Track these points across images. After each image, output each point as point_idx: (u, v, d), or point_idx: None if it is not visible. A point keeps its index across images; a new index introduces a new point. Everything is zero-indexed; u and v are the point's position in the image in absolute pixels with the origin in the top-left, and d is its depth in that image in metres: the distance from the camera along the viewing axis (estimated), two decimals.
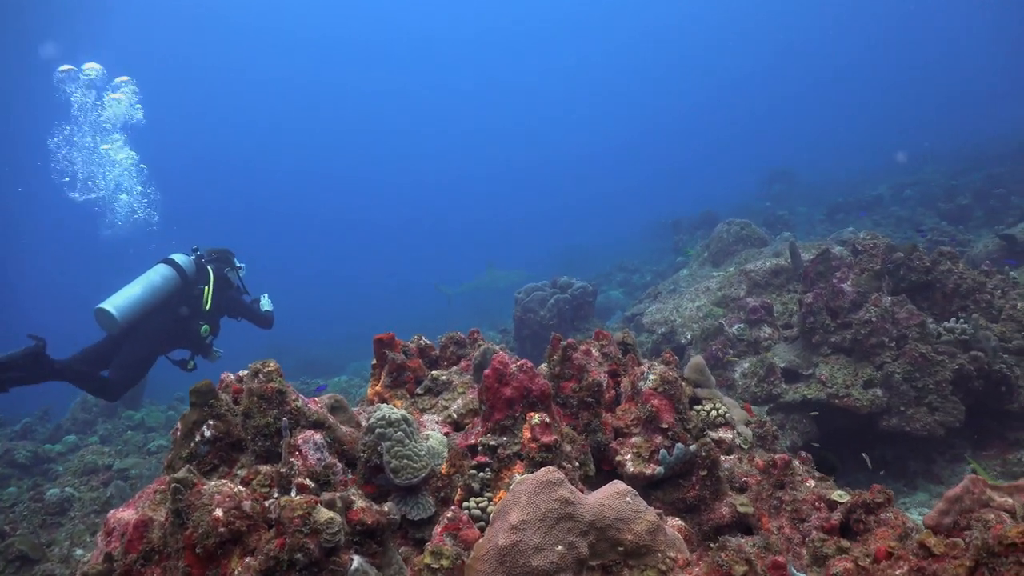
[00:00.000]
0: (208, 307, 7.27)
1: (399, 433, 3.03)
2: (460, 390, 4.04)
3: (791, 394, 6.89)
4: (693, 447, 3.26)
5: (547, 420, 2.98)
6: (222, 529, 2.44)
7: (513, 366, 3.09)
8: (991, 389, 6.54)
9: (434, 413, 3.93)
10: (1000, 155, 22.48)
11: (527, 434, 2.97)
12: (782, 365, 7.15)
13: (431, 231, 64.29)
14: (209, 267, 7.47)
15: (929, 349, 6.56)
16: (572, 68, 79.53)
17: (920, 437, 6.45)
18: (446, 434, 3.49)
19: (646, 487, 3.29)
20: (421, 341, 4.54)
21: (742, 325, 7.99)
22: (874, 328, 6.78)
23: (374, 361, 4.36)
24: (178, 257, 7.23)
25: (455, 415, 3.80)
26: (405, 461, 3.00)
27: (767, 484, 3.35)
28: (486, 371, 3.13)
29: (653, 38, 77.63)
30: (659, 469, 3.22)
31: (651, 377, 3.42)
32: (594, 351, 3.71)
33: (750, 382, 7.20)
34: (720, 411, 3.84)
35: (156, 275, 6.97)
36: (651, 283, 18.30)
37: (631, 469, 3.23)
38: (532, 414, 3.02)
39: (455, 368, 4.36)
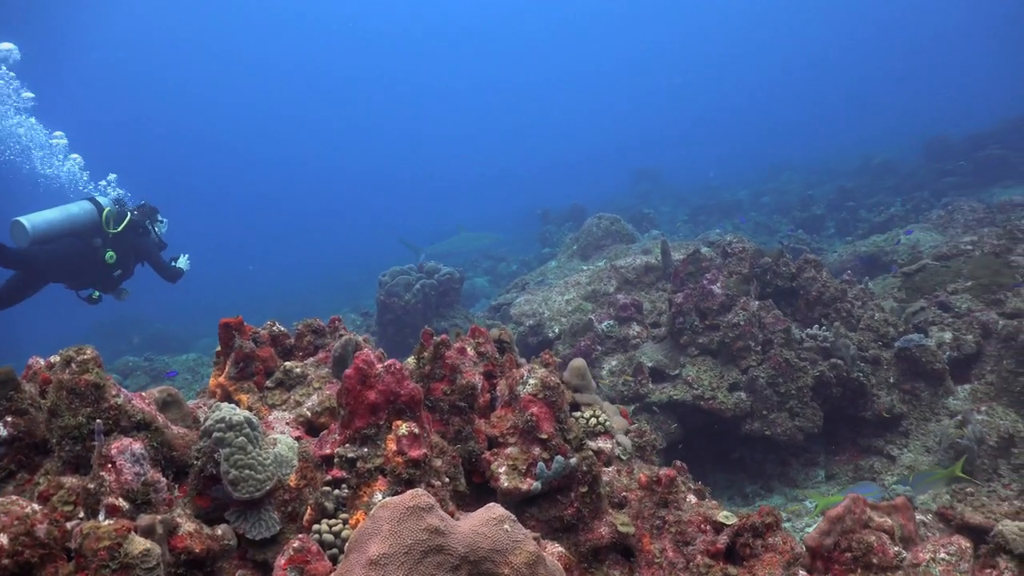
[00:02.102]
0: (116, 230, 7.52)
1: (241, 438, 2.60)
2: (316, 385, 3.62)
3: (658, 394, 6.81)
4: (573, 460, 2.98)
5: (416, 431, 2.61)
6: (6, 560, 1.95)
7: (379, 366, 2.70)
8: (848, 396, 6.68)
9: (285, 410, 3.50)
10: (850, 169, 23.77)
11: (392, 446, 2.59)
12: (650, 364, 7.06)
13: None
14: (129, 212, 7.77)
15: (793, 355, 6.62)
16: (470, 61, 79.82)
17: (780, 442, 6.50)
18: (298, 438, 3.07)
19: (521, 503, 3.00)
20: (274, 328, 4.06)
21: (612, 322, 7.87)
22: (741, 332, 6.78)
23: (219, 348, 3.85)
24: (102, 198, 7.61)
25: (309, 413, 3.39)
26: (247, 471, 2.58)
27: (649, 502, 3.11)
28: (347, 371, 2.71)
29: (541, 39, 78.73)
30: (536, 484, 2.92)
31: (531, 382, 3.11)
32: (469, 350, 3.37)
33: (617, 380, 7.07)
34: (600, 419, 3.59)
35: (76, 206, 7.38)
36: (517, 272, 18.19)
37: (506, 484, 2.91)
38: (399, 423, 2.64)
39: (312, 360, 3.91)
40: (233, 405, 2.81)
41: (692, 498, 3.26)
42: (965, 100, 40.62)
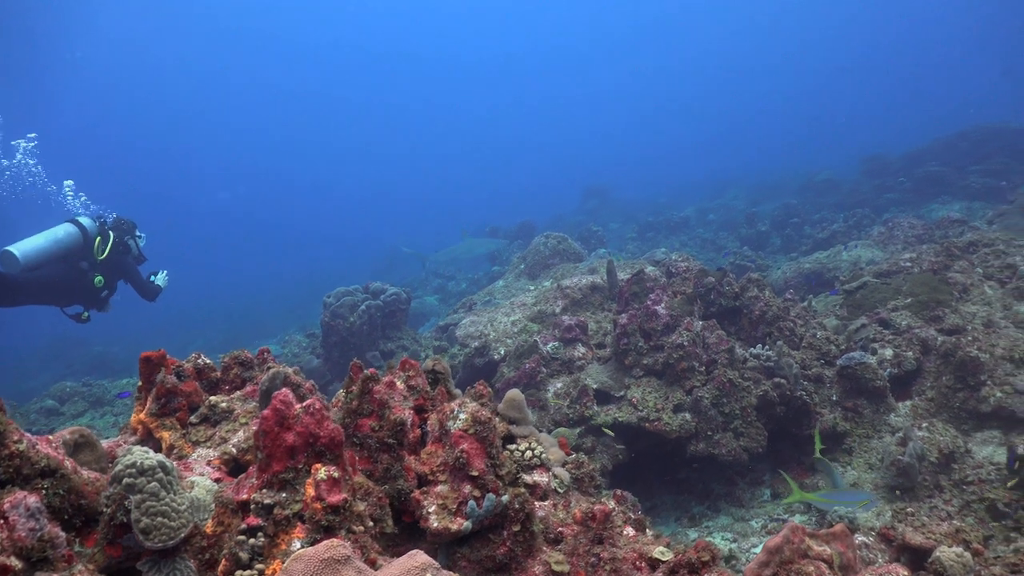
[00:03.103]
0: (103, 256, 7.80)
1: (153, 484, 2.45)
2: (243, 420, 3.47)
3: (603, 416, 6.74)
4: (505, 498, 2.89)
5: (335, 475, 2.49)
6: None
7: (298, 407, 2.57)
8: (792, 415, 6.70)
9: (210, 447, 3.34)
10: (794, 187, 24.24)
11: (311, 492, 2.46)
12: (595, 386, 7.00)
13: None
14: (110, 232, 8.01)
15: (736, 375, 6.62)
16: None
17: (725, 462, 6.48)
18: (218, 480, 2.93)
19: (452, 543, 2.89)
20: (199, 360, 3.89)
21: (557, 343, 7.81)
22: (686, 352, 6.77)
23: (140, 383, 3.68)
24: (83, 220, 7.78)
25: (235, 450, 3.24)
26: (159, 519, 2.43)
27: (584, 538, 3.03)
28: (265, 411, 2.58)
29: (497, 65, 79.80)
30: (466, 524, 2.82)
31: (462, 416, 3.01)
32: (399, 383, 3.26)
33: (562, 403, 7.00)
34: (536, 451, 3.50)
35: (60, 230, 7.55)
36: (467, 291, 18.12)
37: (435, 524, 2.80)
38: (318, 466, 2.51)
39: (239, 393, 3.75)
40: (146, 448, 2.66)
41: (630, 530, 3.19)
42: (900, 119, 41.95)
